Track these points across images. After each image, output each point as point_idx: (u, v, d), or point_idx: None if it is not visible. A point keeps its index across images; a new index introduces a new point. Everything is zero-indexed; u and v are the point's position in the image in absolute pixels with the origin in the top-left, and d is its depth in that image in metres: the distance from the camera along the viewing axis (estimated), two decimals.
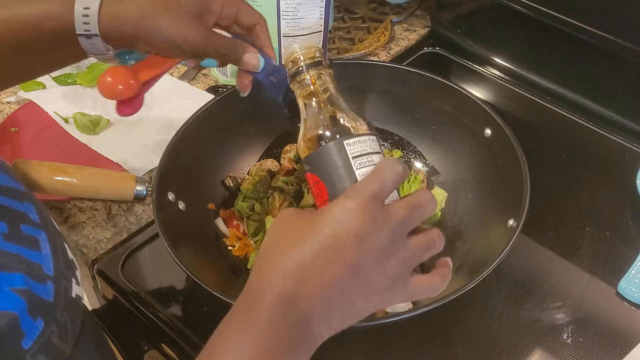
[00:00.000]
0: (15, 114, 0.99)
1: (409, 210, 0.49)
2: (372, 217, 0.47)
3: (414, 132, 0.92)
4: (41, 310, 0.46)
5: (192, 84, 1.07)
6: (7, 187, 0.49)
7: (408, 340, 0.73)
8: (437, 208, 0.84)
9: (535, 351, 0.72)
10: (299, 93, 0.59)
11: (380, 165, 0.50)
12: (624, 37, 0.89)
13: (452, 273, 0.56)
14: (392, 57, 1.13)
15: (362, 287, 0.48)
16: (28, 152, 0.94)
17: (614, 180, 0.91)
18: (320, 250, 0.46)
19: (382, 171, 0.49)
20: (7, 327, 0.43)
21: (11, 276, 0.45)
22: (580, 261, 0.81)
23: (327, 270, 0.46)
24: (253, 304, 0.46)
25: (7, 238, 0.46)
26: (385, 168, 0.49)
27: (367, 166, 0.54)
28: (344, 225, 0.47)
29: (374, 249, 0.47)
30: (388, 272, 0.48)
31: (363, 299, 0.48)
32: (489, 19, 1.12)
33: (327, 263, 0.46)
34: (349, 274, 0.47)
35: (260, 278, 0.47)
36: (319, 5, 0.96)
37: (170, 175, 0.77)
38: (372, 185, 0.48)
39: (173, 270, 0.70)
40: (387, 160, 0.50)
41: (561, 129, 1.00)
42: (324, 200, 0.54)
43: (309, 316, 0.46)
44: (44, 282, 0.47)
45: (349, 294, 0.47)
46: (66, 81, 1.06)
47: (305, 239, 0.47)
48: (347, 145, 0.54)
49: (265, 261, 0.48)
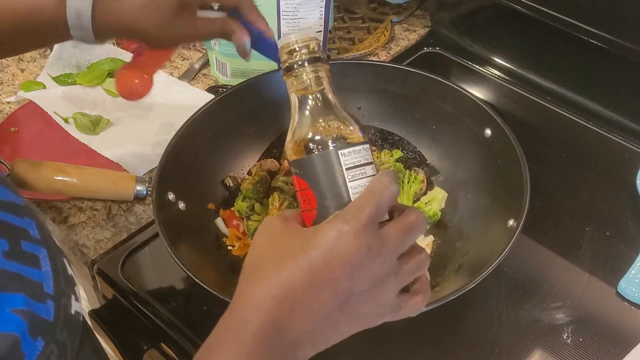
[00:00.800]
0: (15, 114, 0.99)
1: (403, 235, 0.48)
2: (367, 246, 0.46)
3: (414, 132, 0.92)
4: (41, 330, 0.45)
5: (192, 84, 1.07)
6: (7, 202, 0.49)
7: (408, 340, 0.73)
8: (437, 208, 0.84)
9: (535, 351, 0.72)
10: (292, 87, 0.56)
11: (375, 185, 0.49)
12: (624, 37, 0.89)
13: (452, 273, 0.56)
14: (392, 57, 1.13)
15: (351, 315, 0.47)
16: (28, 152, 0.94)
17: (614, 180, 0.91)
18: (311, 276, 0.45)
19: (378, 192, 0.47)
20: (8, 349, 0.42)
21: (12, 297, 0.44)
22: (580, 261, 0.81)
23: (317, 299, 0.45)
24: (238, 328, 0.45)
25: (7, 256, 0.45)
26: (382, 189, 0.48)
27: (360, 179, 0.52)
28: (338, 253, 0.45)
29: (367, 278, 0.46)
30: (378, 299, 0.48)
31: (350, 325, 0.48)
32: (489, 19, 1.12)
33: (318, 291, 0.45)
34: (338, 302, 0.46)
35: (245, 301, 0.46)
36: (319, 5, 0.96)
37: (170, 175, 0.77)
38: (369, 208, 0.46)
39: (173, 270, 0.70)
40: (382, 179, 0.48)
41: (561, 129, 1.00)
42: (312, 209, 0.52)
43: (295, 344, 0.45)
44: (44, 301, 0.46)
45: (337, 321, 0.47)
46: (66, 81, 1.06)
47: (295, 261, 0.45)
48: (342, 156, 0.52)
49: (252, 280, 0.47)
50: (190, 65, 1.10)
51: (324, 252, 0.45)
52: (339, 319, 0.47)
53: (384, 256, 0.46)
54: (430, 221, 0.84)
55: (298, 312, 0.45)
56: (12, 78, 1.09)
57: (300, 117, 0.55)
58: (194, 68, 1.10)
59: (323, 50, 1.02)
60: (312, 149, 0.53)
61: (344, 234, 0.45)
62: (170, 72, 1.09)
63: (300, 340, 0.46)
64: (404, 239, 0.48)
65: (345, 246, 0.45)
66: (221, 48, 1.01)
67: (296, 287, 0.45)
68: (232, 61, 1.03)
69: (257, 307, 0.45)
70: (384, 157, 0.89)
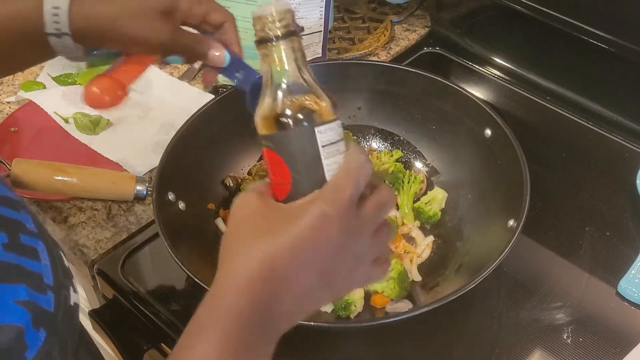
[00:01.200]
0: (15, 114, 0.99)
1: (378, 212, 0.50)
2: (349, 227, 0.47)
3: (414, 132, 0.92)
4: (43, 321, 0.45)
5: (192, 84, 1.07)
6: (3, 196, 0.49)
7: (408, 340, 0.73)
8: (437, 208, 0.84)
9: (535, 351, 0.72)
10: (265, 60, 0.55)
11: (352, 164, 0.49)
12: (624, 37, 0.89)
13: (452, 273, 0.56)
14: (392, 57, 1.13)
15: (330, 290, 0.49)
16: (28, 152, 0.94)
17: (614, 180, 0.91)
18: (295, 255, 0.45)
19: (355, 172, 0.48)
20: (12, 340, 0.43)
21: (14, 288, 0.44)
22: (580, 261, 0.81)
23: (300, 278, 0.46)
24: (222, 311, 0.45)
25: (7, 248, 0.45)
26: (359, 169, 0.49)
27: (334, 155, 0.52)
28: (322, 234, 0.46)
29: (348, 257, 0.48)
30: (354, 273, 0.49)
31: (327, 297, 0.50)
32: (489, 19, 1.12)
33: (301, 270, 0.46)
34: (320, 281, 0.47)
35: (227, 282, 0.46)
36: (319, 5, 0.96)
37: (170, 175, 0.77)
38: (349, 190, 0.47)
39: (173, 270, 0.70)
40: (358, 159, 0.49)
41: (561, 129, 1.00)
42: (285, 183, 0.52)
43: (277, 321, 0.46)
44: (45, 292, 0.46)
45: (317, 297, 0.48)
46: (66, 81, 1.06)
47: (277, 239, 0.46)
48: (318, 133, 0.51)
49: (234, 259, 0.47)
50: (190, 65, 1.10)
51: (308, 232, 0.46)
52: (319, 294, 0.48)
53: (363, 235, 0.48)
54: (430, 221, 0.84)
55: (281, 292, 0.46)
56: (12, 78, 1.09)
57: (273, 91, 0.54)
58: (194, 68, 1.10)
59: (323, 50, 1.02)
60: (286, 124, 0.52)
61: (327, 216, 0.46)
62: (170, 72, 1.09)
63: (283, 317, 0.47)
64: (379, 216, 0.50)
65: (329, 228, 0.46)
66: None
67: (279, 266, 0.45)
68: None
69: (241, 289, 0.45)
70: (384, 157, 0.89)
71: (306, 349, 0.73)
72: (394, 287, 0.74)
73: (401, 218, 0.85)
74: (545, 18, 0.96)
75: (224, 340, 0.44)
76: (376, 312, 0.75)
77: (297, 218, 0.46)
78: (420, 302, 0.75)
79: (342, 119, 0.58)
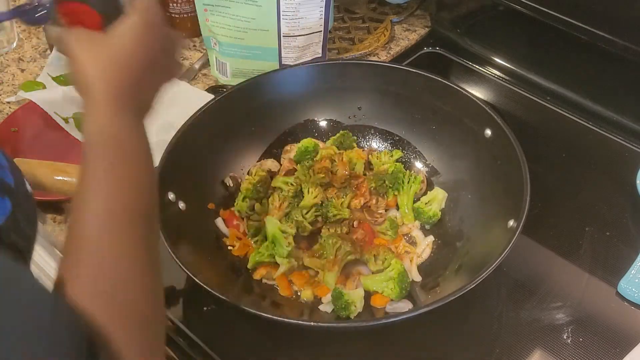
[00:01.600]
0: (15, 114, 0.99)
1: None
2: (160, 22, 0.59)
3: (414, 132, 0.92)
4: (7, 191, 0.49)
5: (192, 84, 1.07)
6: None
7: (408, 340, 0.73)
8: (437, 208, 0.84)
9: (535, 351, 0.72)
10: None
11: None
12: (624, 37, 0.89)
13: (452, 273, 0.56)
14: (392, 57, 1.13)
15: (158, 73, 0.61)
16: (28, 152, 0.94)
17: (614, 180, 0.91)
18: (137, 44, 0.57)
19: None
20: None
21: None
22: (580, 261, 0.81)
23: (141, 65, 0.57)
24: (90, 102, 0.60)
25: None
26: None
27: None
28: (148, 28, 0.57)
29: (160, 49, 0.60)
30: (169, 64, 0.63)
31: (160, 83, 0.63)
32: (489, 19, 1.12)
33: (141, 58, 0.57)
34: (152, 65, 0.59)
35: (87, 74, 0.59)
36: (319, 5, 0.96)
37: (170, 175, 0.77)
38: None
39: (173, 270, 0.70)
40: None
41: (561, 129, 1.00)
42: (99, 21, 0.58)
43: (136, 109, 0.60)
44: (3, 168, 0.50)
45: (152, 83, 0.61)
46: (66, 81, 1.06)
47: (120, 42, 0.56)
48: None
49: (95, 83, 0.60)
50: (190, 65, 1.10)
51: (137, 37, 0.57)
52: (152, 80, 0.60)
53: (164, 28, 0.60)
54: (430, 221, 0.84)
55: (129, 77, 0.57)
56: (12, 78, 1.09)
57: None
58: (194, 68, 1.10)
59: (323, 51, 1.03)
60: None
61: (149, 13, 0.58)
62: None
63: (140, 106, 0.60)
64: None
65: (151, 20, 0.58)
66: (221, 48, 1.01)
67: (126, 61, 0.56)
68: (232, 61, 1.03)
69: (102, 81, 0.58)
70: (384, 157, 0.89)
71: (306, 349, 0.73)
72: (394, 287, 0.74)
73: (401, 218, 0.85)
74: (545, 18, 0.96)
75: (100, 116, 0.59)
76: (376, 312, 0.75)
77: (128, 26, 0.57)
78: (420, 302, 0.75)
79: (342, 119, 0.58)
